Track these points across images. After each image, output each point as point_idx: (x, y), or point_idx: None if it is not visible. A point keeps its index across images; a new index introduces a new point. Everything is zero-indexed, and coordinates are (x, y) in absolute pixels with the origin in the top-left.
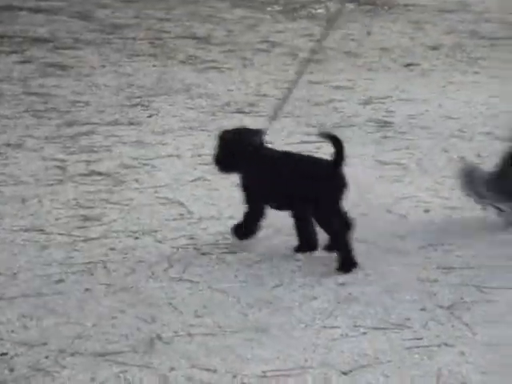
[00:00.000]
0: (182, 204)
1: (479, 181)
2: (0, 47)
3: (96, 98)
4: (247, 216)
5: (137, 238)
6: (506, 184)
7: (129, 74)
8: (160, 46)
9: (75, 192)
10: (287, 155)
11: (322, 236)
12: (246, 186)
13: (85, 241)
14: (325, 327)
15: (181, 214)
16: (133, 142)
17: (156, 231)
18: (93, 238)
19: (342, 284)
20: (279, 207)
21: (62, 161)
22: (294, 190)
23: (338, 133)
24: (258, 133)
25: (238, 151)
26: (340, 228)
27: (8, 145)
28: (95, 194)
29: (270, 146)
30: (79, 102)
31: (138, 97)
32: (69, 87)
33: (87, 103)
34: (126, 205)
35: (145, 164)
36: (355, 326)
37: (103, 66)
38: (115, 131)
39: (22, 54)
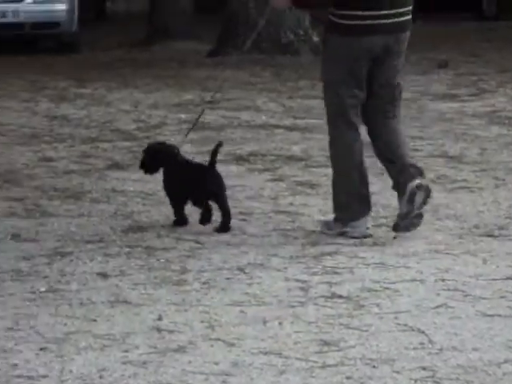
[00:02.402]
0: (422, 332)
1: None
2: (254, 165)
3: None
4: (173, 206)
5: (374, 366)
6: None
7: (376, 194)
8: None
9: (316, 315)
10: (186, 162)
11: None
12: (165, 184)
13: (322, 367)
14: None
15: (421, 343)
16: (376, 264)
17: (394, 360)
18: (330, 365)
19: None
20: (184, 197)
21: (305, 282)
22: (188, 186)
23: None
24: (173, 147)
25: (158, 158)
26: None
27: (253, 264)
28: (335, 318)
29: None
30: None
31: (384, 217)
32: (317, 206)
33: None
34: (365, 330)
35: (386, 288)
36: None
37: None
38: (359, 252)
39: (274, 172)
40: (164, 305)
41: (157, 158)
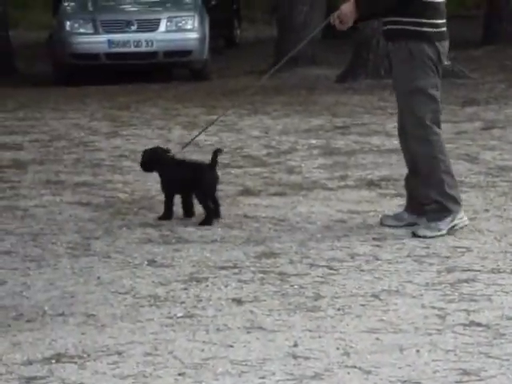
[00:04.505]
0: None
1: None
2: (385, 190)
3: (478, 244)
4: (166, 201)
5: None
6: None
7: None
8: None
9: (454, 343)
10: (183, 161)
11: None
12: (163, 181)
13: None
14: None
15: None
16: None
17: None
18: None
19: None
20: (178, 192)
21: (442, 309)
22: (186, 182)
23: None
24: (168, 150)
25: (155, 159)
26: (208, 203)
27: (388, 291)
28: (474, 347)
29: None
30: (460, 247)
31: None
32: (451, 232)
33: (468, 249)
34: (507, 360)
35: None
36: None
37: (486, 210)
38: (497, 279)
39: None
40: (299, 331)
41: (151, 160)
